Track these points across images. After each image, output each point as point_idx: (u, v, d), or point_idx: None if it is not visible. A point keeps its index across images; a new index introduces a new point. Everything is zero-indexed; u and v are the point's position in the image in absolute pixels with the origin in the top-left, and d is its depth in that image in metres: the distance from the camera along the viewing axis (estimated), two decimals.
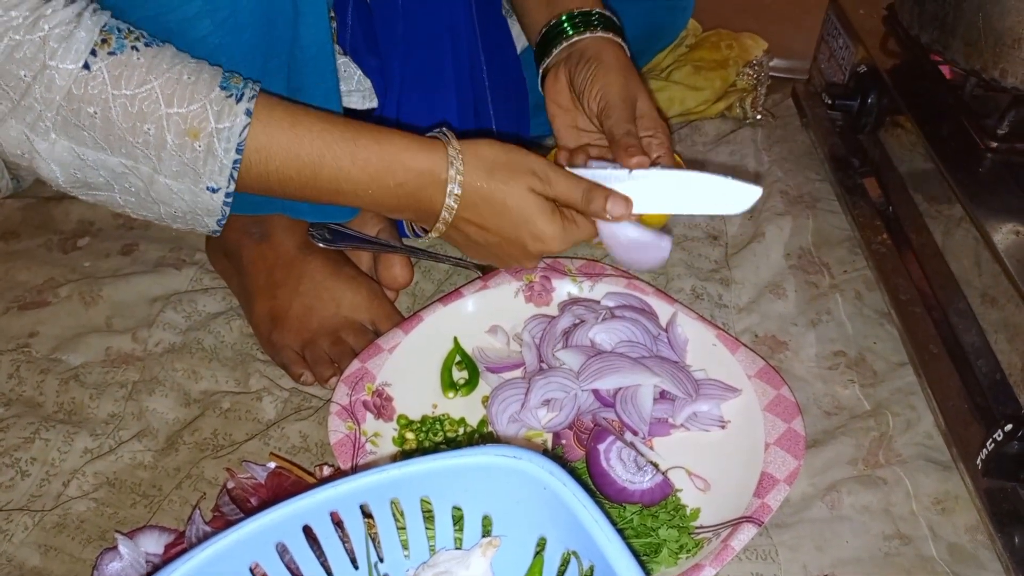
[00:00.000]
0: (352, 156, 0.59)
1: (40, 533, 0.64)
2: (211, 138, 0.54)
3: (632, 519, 0.61)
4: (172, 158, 0.54)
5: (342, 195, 0.60)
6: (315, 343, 0.75)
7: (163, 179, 0.55)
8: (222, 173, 0.56)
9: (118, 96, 0.52)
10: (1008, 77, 0.73)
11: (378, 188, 0.60)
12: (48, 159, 0.54)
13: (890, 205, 0.87)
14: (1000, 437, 0.59)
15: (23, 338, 0.80)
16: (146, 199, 0.57)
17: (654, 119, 0.70)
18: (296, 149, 0.57)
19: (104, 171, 0.55)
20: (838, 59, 0.98)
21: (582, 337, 0.73)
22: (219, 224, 0.60)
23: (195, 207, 0.57)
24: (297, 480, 0.64)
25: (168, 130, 0.53)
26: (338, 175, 0.59)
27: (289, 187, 0.59)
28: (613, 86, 0.69)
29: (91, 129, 0.53)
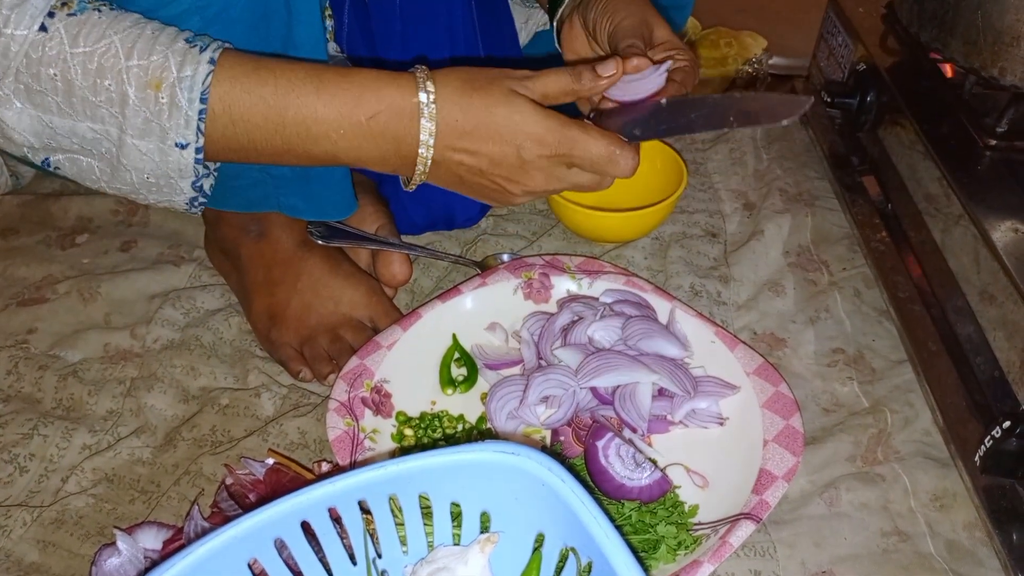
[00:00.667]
0: (317, 91, 0.55)
1: (39, 529, 0.64)
2: (173, 88, 0.52)
3: (630, 516, 0.61)
4: (136, 114, 0.53)
5: (312, 141, 0.57)
6: (314, 340, 0.75)
7: (131, 139, 0.54)
8: (188, 126, 0.54)
9: (76, 54, 0.51)
10: (1007, 75, 0.73)
11: (349, 126, 0.56)
12: (17, 128, 0.53)
13: (889, 203, 0.87)
14: (998, 434, 0.59)
15: (22, 334, 0.80)
16: (118, 166, 0.55)
17: (674, 42, 0.65)
18: (260, 90, 0.55)
19: (75, 138, 0.54)
20: (837, 57, 0.98)
21: (580, 334, 0.73)
22: (195, 188, 0.57)
23: (166, 168, 0.55)
24: (296, 476, 0.64)
25: (128, 83, 0.52)
26: (305, 115, 0.55)
27: (257, 139, 0.56)
28: (623, 11, 0.65)
29: (53, 93, 0.52)
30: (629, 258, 0.88)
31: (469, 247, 0.89)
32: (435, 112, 0.57)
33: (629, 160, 0.59)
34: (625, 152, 0.59)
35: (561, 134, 0.58)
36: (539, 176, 0.60)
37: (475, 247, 0.89)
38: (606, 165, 0.59)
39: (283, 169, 0.69)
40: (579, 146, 0.58)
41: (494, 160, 0.58)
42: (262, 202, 0.73)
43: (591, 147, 0.59)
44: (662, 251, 0.89)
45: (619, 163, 0.59)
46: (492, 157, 0.58)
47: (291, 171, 0.69)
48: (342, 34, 0.79)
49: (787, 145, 1.04)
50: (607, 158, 0.59)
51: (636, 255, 0.88)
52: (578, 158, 0.59)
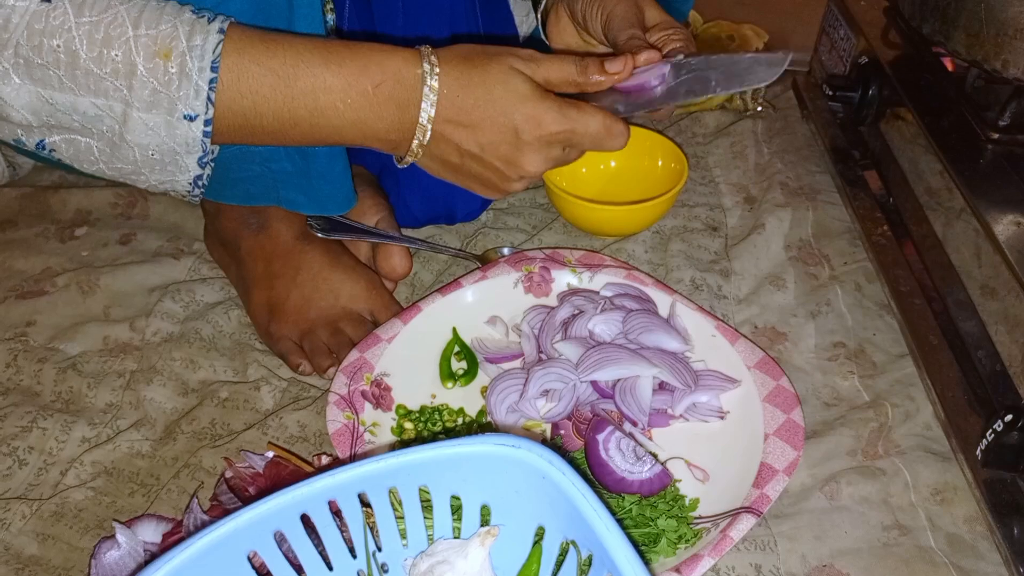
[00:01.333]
0: (325, 62, 0.56)
1: (38, 522, 0.64)
2: (184, 57, 0.52)
3: (631, 509, 0.61)
4: (144, 85, 0.52)
5: (320, 112, 0.57)
6: (313, 333, 0.75)
7: (136, 113, 0.53)
8: (198, 96, 0.53)
9: (82, 23, 0.50)
10: (1010, 68, 0.73)
11: (356, 95, 0.57)
12: (16, 105, 0.52)
13: (891, 197, 0.87)
14: (1000, 427, 0.59)
15: (21, 327, 0.80)
16: (120, 144, 0.54)
17: (668, 21, 0.65)
18: (269, 61, 0.55)
19: (76, 115, 0.53)
20: (839, 50, 0.98)
21: (581, 328, 0.73)
22: (200, 164, 0.56)
23: (172, 142, 0.55)
24: (295, 469, 0.64)
25: (137, 53, 0.51)
26: (314, 84, 0.56)
27: (265, 112, 0.56)
28: (615, 2, 0.65)
29: (55, 66, 0.51)
30: (630, 252, 0.88)
31: (469, 240, 0.89)
32: (436, 84, 0.57)
33: (622, 134, 0.61)
34: (618, 126, 0.61)
35: (559, 115, 0.58)
36: (534, 157, 0.60)
37: (475, 240, 0.88)
38: (603, 140, 0.60)
39: (283, 163, 0.69)
40: (579, 124, 0.59)
41: (492, 140, 0.59)
42: (262, 196, 0.73)
43: (590, 124, 0.59)
44: (663, 245, 0.89)
45: (614, 137, 0.60)
46: (490, 137, 0.58)
47: (291, 165, 0.69)
48: (343, 26, 0.79)
49: (788, 139, 1.04)
50: (604, 133, 0.60)
51: (637, 249, 0.88)
52: (578, 135, 0.60)
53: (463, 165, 0.61)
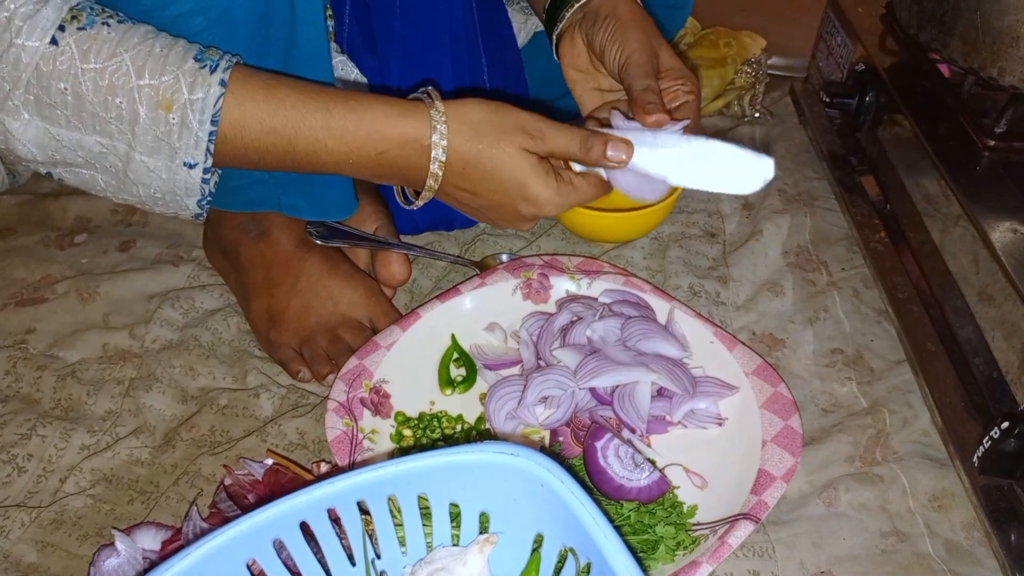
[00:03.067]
0: (327, 127, 0.57)
1: (37, 529, 0.64)
2: (185, 110, 0.53)
3: (629, 516, 0.61)
4: (146, 132, 0.53)
5: (323, 166, 0.59)
6: (313, 340, 0.75)
7: (139, 156, 0.54)
8: (198, 147, 0.54)
9: (87, 70, 0.51)
10: (1006, 75, 0.73)
11: (359, 158, 0.58)
12: (23, 140, 0.53)
13: (888, 203, 0.87)
14: (997, 434, 0.59)
15: (20, 334, 0.80)
16: (124, 180, 0.56)
17: (680, 70, 0.67)
18: (271, 121, 0.56)
19: (81, 151, 0.54)
20: (836, 57, 0.98)
21: (579, 334, 0.73)
22: (200, 206, 0.58)
23: (173, 186, 0.56)
24: (294, 477, 0.64)
25: (140, 103, 0.52)
26: (315, 147, 0.57)
27: (268, 159, 0.58)
28: (633, 41, 0.66)
29: (63, 107, 0.52)
30: (628, 258, 0.88)
31: (468, 247, 0.89)
32: (444, 159, 0.59)
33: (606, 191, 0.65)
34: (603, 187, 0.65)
35: (558, 201, 0.61)
36: (529, 224, 0.65)
37: (474, 247, 0.88)
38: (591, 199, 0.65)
39: None
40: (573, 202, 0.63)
41: (492, 206, 0.62)
42: (263, 202, 0.73)
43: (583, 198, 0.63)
44: (661, 251, 0.89)
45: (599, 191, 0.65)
46: (491, 204, 0.62)
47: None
48: (342, 34, 0.79)
49: (786, 145, 1.04)
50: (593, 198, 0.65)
51: (635, 255, 0.88)
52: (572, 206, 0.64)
53: (463, 206, 0.64)
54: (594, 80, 0.72)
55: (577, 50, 0.71)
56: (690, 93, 0.67)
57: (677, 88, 0.66)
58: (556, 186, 0.61)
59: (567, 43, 0.72)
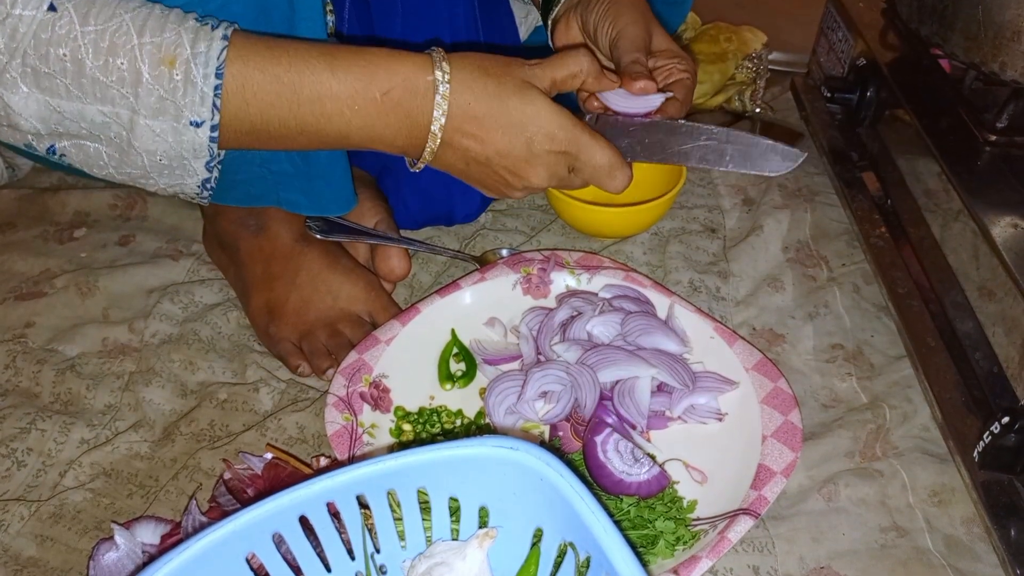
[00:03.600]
0: (331, 68, 0.56)
1: (36, 523, 0.64)
2: (188, 64, 0.52)
3: (629, 511, 0.61)
4: (150, 93, 0.52)
5: (326, 118, 0.57)
6: (312, 335, 0.75)
7: (143, 120, 0.53)
8: (203, 103, 0.53)
9: (87, 32, 0.51)
10: (1008, 70, 0.73)
11: (364, 102, 0.56)
12: (24, 114, 0.53)
13: (888, 199, 0.87)
14: (997, 430, 0.59)
15: (19, 328, 0.80)
16: (128, 150, 0.55)
17: (674, 50, 0.67)
18: (273, 68, 0.55)
19: (84, 122, 0.53)
20: (837, 52, 0.98)
21: (580, 329, 0.73)
22: (208, 169, 0.57)
23: (180, 148, 0.55)
24: (294, 471, 0.64)
25: (142, 61, 0.51)
26: (320, 91, 0.56)
27: (271, 118, 0.56)
28: (625, 17, 0.66)
29: (62, 75, 0.51)
30: (628, 253, 0.88)
31: (468, 242, 0.89)
32: (448, 92, 0.57)
33: (624, 178, 0.62)
34: (623, 169, 0.62)
35: (572, 133, 0.59)
36: (542, 171, 0.61)
37: (474, 242, 0.88)
38: (603, 177, 0.62)
39: (284, 164, 0.69)
40: (585, 151, 0.60)
41: (501, 150, 0.59)
42: (262, 197, 0.73)
43: (596, 155, 0.61)
44: (661, 246, 0.89)
45: (616, 178, 0.62)
46: (500, 147, 0.59)
47: (292, 166, 0.69)
48: (342, 29, 0.79)
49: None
50: (607, 170, 0.61)
51: (635, 250, 0.88)
52: (582, 162, 0.61)
53: (468, 170, 0.61)
54: None
55: (572, 34, 0.71)
56: (684, 72, 0.66)
57: (672, 66, 0.66)
58: (569, 115, 0.59)
59: (562, 27, 0.71)
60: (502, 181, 0.62)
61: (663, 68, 0.67)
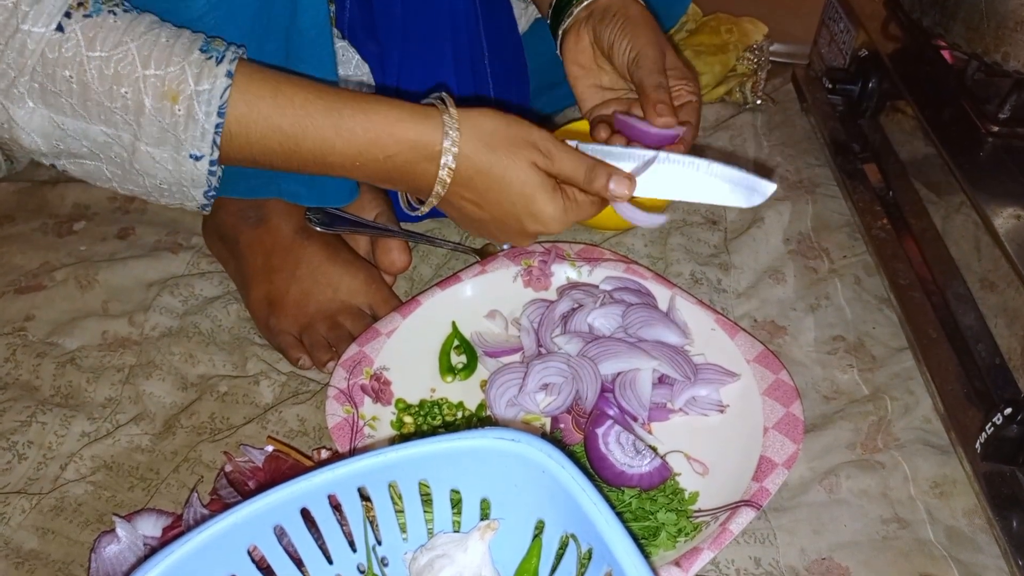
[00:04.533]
0: (336, 128, 0.56)
1: (37, 516, 0.64)
2: (191, 101, 0.53)
3: (631, 503, 0.61)
4: (152, 123, 0.53)
5: (329, 167, 0.58)
6: (313, 327, 0.75)
7: (144, 147, 0.54)
8: (204, 139, 0.54)
9: (92, 58, 0.51)
10: (1010, 60, 0.73)
11: (366, 161, 0.57)
12: (27, 128, 0.53)
13: (890, 190, 0.87)
14: (999, 421, 0.59)
15: (19, 322, 0.79)
16: (130, 171, 0.56)
17: (682, 69, 0.68)
18: (278, 120, 0.55)
19: (86, 141, 0.54)
20: (839, 43, 0.98)
21: (581, 322, 0.73)
22: (207, 197, 0.58)
23: (179, 177, 0.56)
24: (295, 463, 0.64)
25: (145, 93, 0.52)
26: (322, 147, 0.56)
27: (273, 158, 0.57)
28: (643, 37, 0.66)
29: (68, 95, 0.52)
30: (629, 245, 0.88)
31: (468, 235, 0.88)
32: (454, 166, 0.58)
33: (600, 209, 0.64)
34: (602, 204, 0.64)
35: (563, 218, 0.61)
36: (529, 240, 0.64)
37: (473, 236, 0.88)
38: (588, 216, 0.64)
39: None
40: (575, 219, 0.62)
41: (495, 218, 0.61)
42: (263, 188, 0.73)
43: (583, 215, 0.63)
44: (662, 239, 0.89)
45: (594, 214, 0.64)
46: (495, 216, 0.61)
47: None
48: (343, 19, 0.79)
49: (788, 132, 1.04)
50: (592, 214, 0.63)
51: (636, 243, 0.88)
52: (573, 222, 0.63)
53: (465, 219, 0.63)
54: (596, 77, 0.72)
55: (582, 46, 0.71)
56: (692, 94, 0.68)
57: (680, 88, 0.67)
58: (562, 203, 0.60)
59: (572, 39, 0.71)
60: (493, 236, 0.64)
61: (672, 89, 0.68)
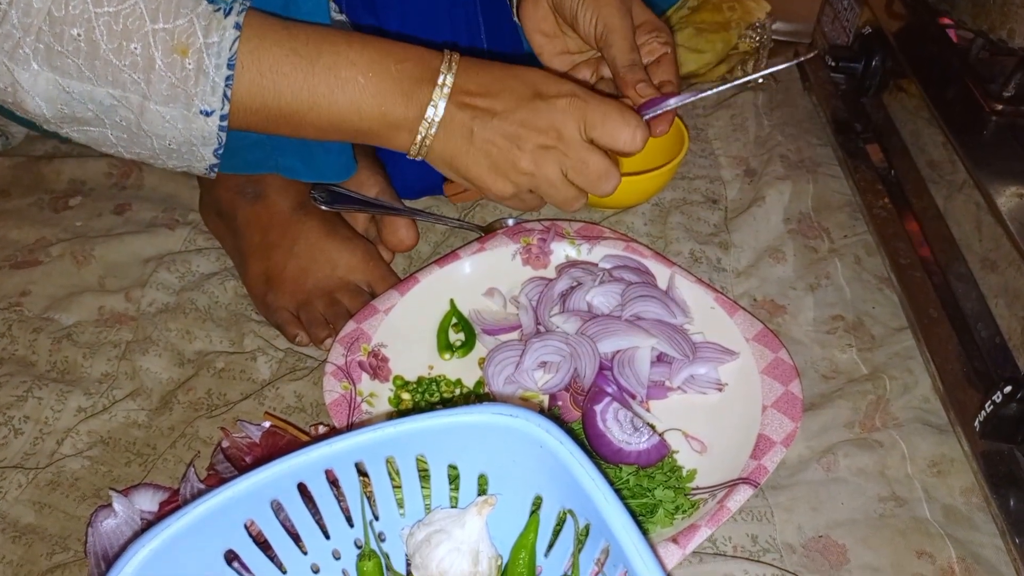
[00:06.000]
0: (349, 41, 0.57)
1: (34, 491, 0.64)
2: (201, 54, 0.52)
3: (628, 480, 0.61)
4: (162, 80, 0.52)
5: (340, 85, 0.57)
6: (310, 304, 0.75)
7: (154, 106, 0.53)
8: (215, 92, 0.53)
9: (100, 14, 0.50)
10: (1016, 37, 0.72)
11: (379, 69, 0.57)
12: (32, 92, 0.52)
13: (892, 169, 0.86)
14: (999, 399, 0.59)
15: (15, 297, 0.79)
16: (138, 132, 0.55)
17: (653, 22, 0.68)
18: (291, 42, 0.55)
19: (92, 104, 0.53)
20: (842, 21, 0.97)
21: (579, 300, 0.73)
22: (216, 156, 0.57)
23: (189, 135, 0.55)
24: (292, 439, 0.64)
25: (155, 47, 0.51)
26: (337, 59, 0.56)
27: (283, 91, 0.56)
28: (610, 6, 0.65)
29: (75, 55, 0.51)
30: (629, 224, 0.87)
31: (467, 212, 0.88)
32: (455, 67, 0.59)
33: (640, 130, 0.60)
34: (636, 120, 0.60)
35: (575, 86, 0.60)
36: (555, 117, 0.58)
37: (473, 212, 0.88)
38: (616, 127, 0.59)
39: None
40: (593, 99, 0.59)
41: (509, 100, 0.58)
42: (260, 164, 0.72)
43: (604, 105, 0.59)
44: (662, 217, 0.88)
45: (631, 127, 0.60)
46: (506, 104, 0.58)
47: None
48: (342, 6, 0.77)
49: (789, 111, 1.03)
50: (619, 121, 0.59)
51: (636, 221, 0.87)
52: (591, 111, 0.59)
53: (474, 142, 0.59)
54: (561, 43, 0.71)
55: (542, 13, 0.70)
56: (665, 44, 0.67)
57: (652, 40, 0.66)
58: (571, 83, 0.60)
59: (530, 5, 0.70)
60: (508, 146, 0.59)
61: (643, 44, 0.67)
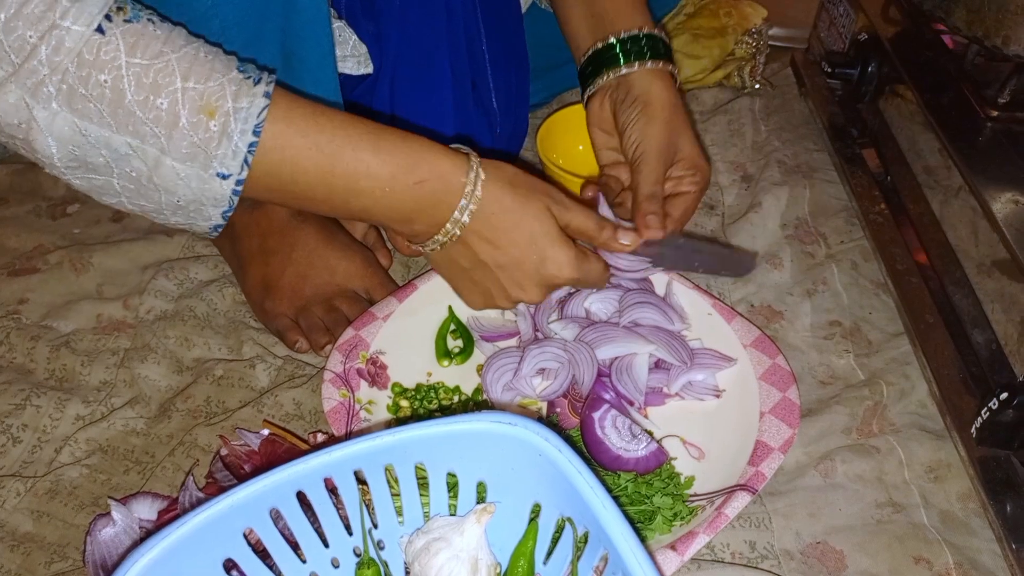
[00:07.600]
0: (375, 148, 0.56)
1: (32, 499, 0.64)
2: (228, 117, 0.51)
3: (627, 487, 0.61)
4: (183, 137, 0.51)
5: (355, 194, 0.57)
6: (309, 311, 0.75)
7: (170, 161, 0.52)
8: (235, 157, 0.52)
9: (132, 64, 0.49)
10: (1011, 44, 0.72)
11: (396, 186, 0.57)
12: (47, 132, 0.51)
13: (888, 175, 0.86)
14: (995, 405, 0.59)
15: (13, 305, 0.79)
16: (147, 185, 0.54)
17: (693, 160, 0.70)
18: (316, 136, 0.54)
19: (106, 151, 0.52)
20: (838, 27, 0.97)
21: (577, 306, 0.73)
22: (224, 218, 0.56)
23: (201, 195, 0.54)
24: (291, 447, 0.64)
25: (183, 105, 0.51)
26: (357, 168, 0.56)
27: (300, 181, 0.56)
28: (653, 138, 0.68)
29: (99, 100, 0.50)
30: None
31: None
32: (479, 198, 0.59)
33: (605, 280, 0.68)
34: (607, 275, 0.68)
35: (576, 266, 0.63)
36: (540, 292, 0.64)
37: None
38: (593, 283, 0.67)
39: None
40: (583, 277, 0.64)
41: (509, 265, 0.62)
42: None
43: (591, 275, 0.65)
44: None
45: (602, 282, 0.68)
46: (509, 262, 0.62)
47: None
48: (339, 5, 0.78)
49: (786, 117, 1.03)
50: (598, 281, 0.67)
51: None
52: (579, 283, 0.65)
53: (471, 272, 0.63)
54: (614, 142, 0.74)
55: (605, 115, 0.73)
56: (693, 184, 0.70)
57: (684, 177, 0.70)
58: (575, 251, 0.63)
59: (596, 104, 0.74)
60: (498, 290, 0.64)
61: (674, 177, 0.70)
